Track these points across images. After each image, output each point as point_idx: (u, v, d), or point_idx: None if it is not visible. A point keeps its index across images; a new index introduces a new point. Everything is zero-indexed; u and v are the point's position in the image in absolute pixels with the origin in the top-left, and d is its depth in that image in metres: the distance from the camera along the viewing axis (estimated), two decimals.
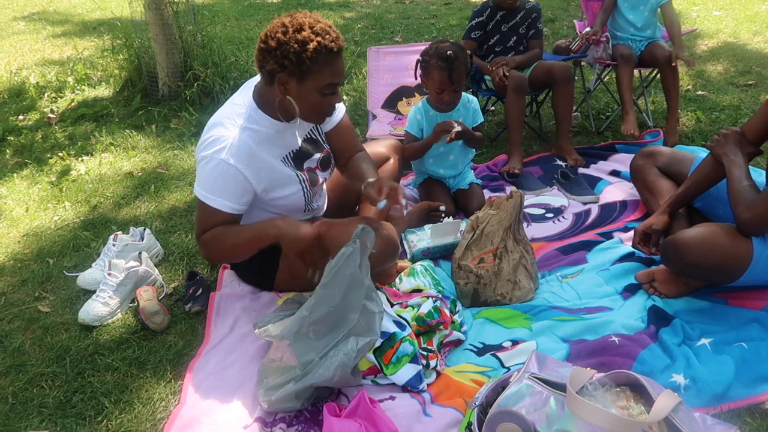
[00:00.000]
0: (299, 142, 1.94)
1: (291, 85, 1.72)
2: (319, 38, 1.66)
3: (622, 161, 3.01)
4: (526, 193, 2.72)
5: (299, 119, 1.82)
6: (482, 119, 2.65)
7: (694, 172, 2.16)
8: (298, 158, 1.94)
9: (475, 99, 2.67)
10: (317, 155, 2.00)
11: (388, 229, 1.98)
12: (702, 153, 2.91)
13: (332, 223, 1.87)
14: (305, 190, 1.94)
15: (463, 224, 2.33)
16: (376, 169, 2.14)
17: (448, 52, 2.36)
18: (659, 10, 3.31)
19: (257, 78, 1.87)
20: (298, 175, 1.92)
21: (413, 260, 2.25)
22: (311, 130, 2.01)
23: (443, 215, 2.41)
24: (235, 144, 1.76)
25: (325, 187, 2.19)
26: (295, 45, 1.65)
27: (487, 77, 3.15)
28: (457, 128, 2.41)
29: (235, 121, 1.80)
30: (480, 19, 3.11)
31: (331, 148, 2.08)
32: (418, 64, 2.49)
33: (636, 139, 3.14)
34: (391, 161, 2.41)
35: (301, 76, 1.70)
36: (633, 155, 2.57)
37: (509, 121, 2.99)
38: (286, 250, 1.82)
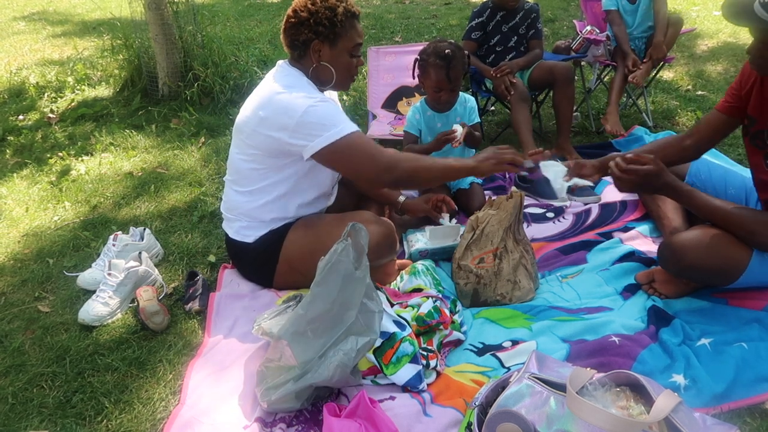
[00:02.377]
0: None
1: (324, 50, 1.92)
2: (344, 3, 1.90)
3: None
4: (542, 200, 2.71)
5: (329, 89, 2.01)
6: (478, 119, 2.65)
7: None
8: None
9: (472, 98, 2.67)
10: None
11: (385, 224, 1.99)
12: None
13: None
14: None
15: (463, 229, 2.33)
16: None
17: (446, 51, 2.36)
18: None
19: (279, 64, 1.99)
20: None
21: (411, 260, 2.25)
22: None
23: (441, 216, 2.41)
24: (312, 90, 1.91)
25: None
26: (326, 11, 1.87)
27: (487, 79, 3.15)
28: (459, 135, 2.40)
29: (295, 80, 1.91)
30: (480, 19, 3.11)
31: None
32: (416, 64, 2.49)
33: (623, 136, 3.14)
34: None
35: (334, 39, 1.90)
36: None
37: (518, 127, 2.96)
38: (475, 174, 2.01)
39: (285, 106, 1.83)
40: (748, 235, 1.78)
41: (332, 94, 2.26)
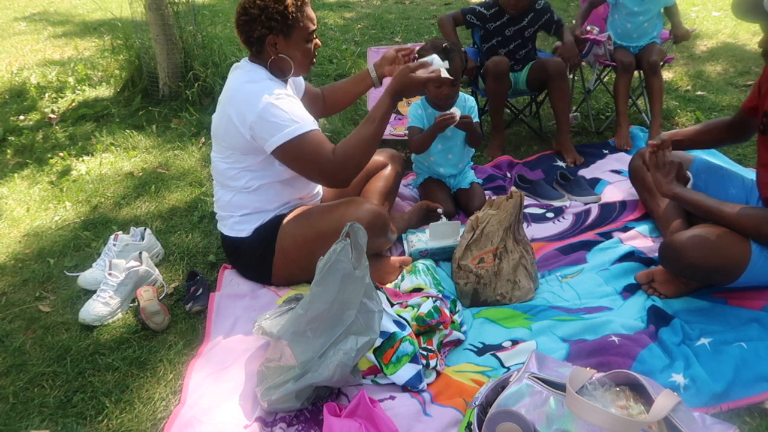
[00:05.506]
0: None
1: (280, 43, 1.93)
2: None
3: (620, 159, 3.01)
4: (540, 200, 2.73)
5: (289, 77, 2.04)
6: (478, 119, 2.65)
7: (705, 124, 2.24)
8: None
9: (471, 98, 2.67)
10: None
11: (376, 205, 2.02)
12: (700, 151, 2.93)
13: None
14: None
15: (463, 229, 2.33)
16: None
17: (444, 45, 2.37)
18: (662, 10, 3.29)
19: (239, 63, 2.01)
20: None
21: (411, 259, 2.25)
22: None
23: (442, 216, 2.41)
24: (272, 85, 1.92)
25: None
26: (276, 5, 1.87)
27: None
28: (458, 116, 2.41)
29: (256, 76, 1.93)
30: (482, 10, 3.07)
31: (314, 108, 2.30)
32: (415, 59, 2.49)
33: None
34: (389, 168, 2.42)
35: (288, 31, 1.91)
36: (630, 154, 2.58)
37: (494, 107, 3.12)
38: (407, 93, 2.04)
39: (246, 101, 1.88)
40: (755, 234, 1.80)
41: (298, 80, 2.26)
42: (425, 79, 1.98)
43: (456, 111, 2.42)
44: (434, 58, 2.05)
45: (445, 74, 2.02)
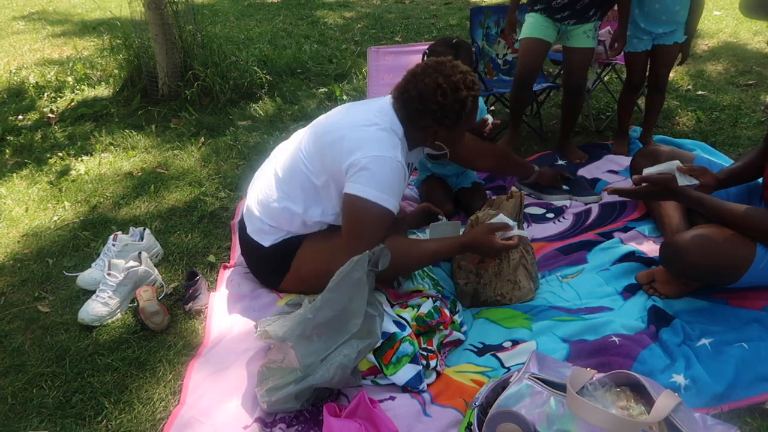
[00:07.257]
0: None
1: (442, 133, 1.86)
2: (472, 92, 1.80)
3: (616, 161, 3.00)
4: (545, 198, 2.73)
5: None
6: (486, 114, 2.64)
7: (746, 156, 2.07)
8: None
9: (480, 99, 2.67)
10: None
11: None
12: (700, 151, 2.92)
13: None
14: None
15: (463, 229, 2.32)
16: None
17: (454, 40, 2.39)
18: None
19: (385, 106, 1.88)
20: None
21: None
22: None
23: (442, 217, 2.40)
24: (399, 147, 1.80)
25: None
26: (456, 105, 1.79)
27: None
28: (491, 123, 2.46)
29: (383, 127, 1.81)
30: None
31: (460, 159, 2.39)
32: (424, 57, 2.49)
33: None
34: None
35: (455, 125, 1.84)
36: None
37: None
38: (478, 254, 1.91)
39: (368, 139, 1.77)
40: (759, 234, 1.79)
41: None
42: (501, 248, 1.81)
43: (488, 117, 2.46)
44: (514, 224, 1.88)
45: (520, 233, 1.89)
